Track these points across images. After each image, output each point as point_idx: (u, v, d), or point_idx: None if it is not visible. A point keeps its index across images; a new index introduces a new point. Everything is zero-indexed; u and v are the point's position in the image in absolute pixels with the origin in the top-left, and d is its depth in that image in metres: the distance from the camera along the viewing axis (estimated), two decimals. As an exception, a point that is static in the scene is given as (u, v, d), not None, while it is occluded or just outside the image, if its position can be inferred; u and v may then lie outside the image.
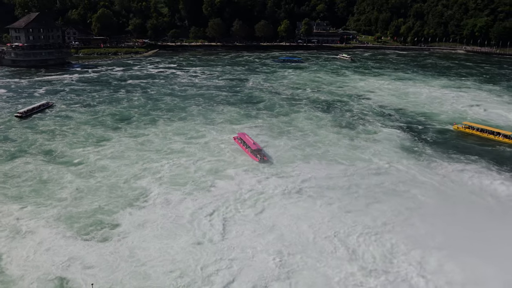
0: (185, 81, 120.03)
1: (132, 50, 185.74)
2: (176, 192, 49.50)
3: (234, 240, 40.17)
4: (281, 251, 38.38)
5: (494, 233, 40.56)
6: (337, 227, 42.18)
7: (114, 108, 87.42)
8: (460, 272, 35.40)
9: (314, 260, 37.20)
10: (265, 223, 43.08)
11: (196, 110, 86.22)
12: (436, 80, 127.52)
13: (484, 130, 70.25)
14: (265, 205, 46.80)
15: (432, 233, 40.88)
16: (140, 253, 37.87)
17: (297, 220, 43.67)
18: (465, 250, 37.99)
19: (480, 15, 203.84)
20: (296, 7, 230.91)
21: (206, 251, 38.32)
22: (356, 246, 39.24)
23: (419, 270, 35.94)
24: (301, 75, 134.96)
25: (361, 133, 73.36)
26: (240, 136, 64.89)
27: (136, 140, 67.02)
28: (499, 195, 49.94)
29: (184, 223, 42.92)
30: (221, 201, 47.45)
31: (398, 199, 48.55)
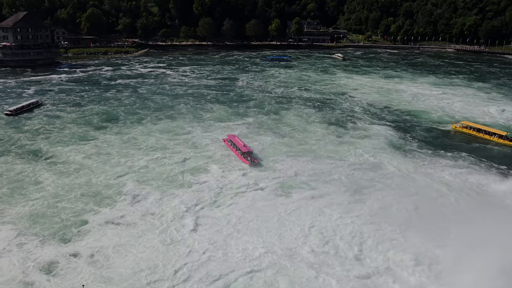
0: (175, 81, 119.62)
1: (122, 49, 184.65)
2: (152, 190, 49.19)
3: (203, 237, 39.90)
4: (247, 248, 38.25)
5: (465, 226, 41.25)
6: (316, 222, 42.53)
7: (102, 107, 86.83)
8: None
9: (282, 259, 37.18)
10: (237, 220, 42.90)
11: (185, 109, 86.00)
12: (424, 78, 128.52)
13: (481, 130, 70.53)
14: (241, 201, 46.86)
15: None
16: (105, 252, 37.36)
17: (271, 216, 43.63)
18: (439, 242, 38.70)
19: (469, 14, 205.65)
20: (286, 6, 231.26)
21: (174, 249, 38.01)
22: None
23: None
24: (291, 73, 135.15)
25: (350, 130, 73.79)
26: (230, 138, 63.48)
27: (121, 138, 66.66)
28: (478, 190, 50.79)
29: (155, 221, 42.61)
30: (197, 198, 47.33)
31: (383, 194, 48.88)
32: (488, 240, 36.98)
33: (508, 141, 66.57)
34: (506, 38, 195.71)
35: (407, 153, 62.92)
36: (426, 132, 73.92)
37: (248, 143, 63.33)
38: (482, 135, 69.67)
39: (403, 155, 62.04)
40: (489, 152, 63.85)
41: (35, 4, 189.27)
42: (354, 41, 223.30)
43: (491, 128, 70.68)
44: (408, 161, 59.43)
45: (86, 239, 39.43)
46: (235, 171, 54.96)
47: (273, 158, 59.34)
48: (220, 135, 69.16)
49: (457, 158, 60.80)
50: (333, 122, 78.50)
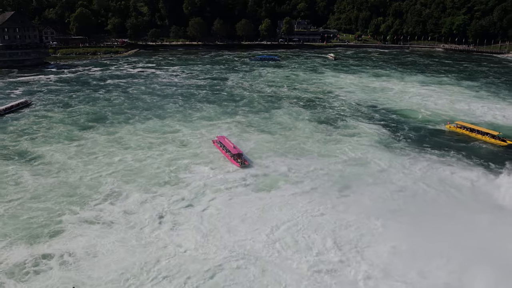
0: (164, 81, 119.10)
1: (111, 50, 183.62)
2: (134, 188, 48.85)
3: (180, 237, 39.58)
4: (227, 245, 38.09)
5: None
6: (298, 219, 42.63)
7: (90, 107, 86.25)
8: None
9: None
10: (217, 218, 42.75)
11: (174, 108, 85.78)
12: (413, 77, 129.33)
13: (474, 130, 70.67)
14: (223, 200, 46.67)
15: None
16: (78, 254, 36.67)
17: (252, 214, 43.55)
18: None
19: (458, 13, 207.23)
20: (277, 6, 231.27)
21: (149, 249, 37.57)
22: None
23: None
24: (281, 73, 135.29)
25: (338, 129, 74.07)
26: (219, 139, 62.10)
27: (107, 138, 66.23)
28: (457, 185, 51.50)
29: (132, 220, 42.21)
30: (179, 196, 47.16)
31: (369, 191, 49.16)
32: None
33: (500, 140, 66.70)
34: (494, 38, 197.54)
35: (394, 150, 63.37)
36: (414, 130, 74.34)
37: (237, 141, 63.37)
38: (475, 135, 69.82)
39: (390, 152, 62.41)
40: (476, 151, 64.14)
41: (23, 3, 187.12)
42: (344, 40, 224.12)
43: (484, 128, 70.76)
44: (395, 158, 59.80)
45: (59, 241, 38.50)
46: (221, 169, 54.89)
47: (261, 156, 59.37)
48: (208, 133, 69.13)
49: (444, 155, 61.30)
50: (322, 121, 78.76)
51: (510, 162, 57.96)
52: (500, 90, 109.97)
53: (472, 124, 73.58)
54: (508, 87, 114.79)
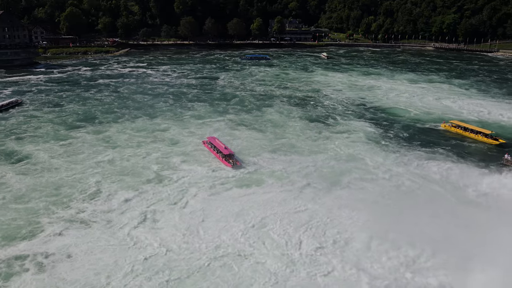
0: (155, 80, 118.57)
1: (102, 49, 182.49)
2: (118, 187, 48.45)
3: (158, 236, 39.26)
4: (209, 245, 37.79)
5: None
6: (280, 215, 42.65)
7: (80, 107, 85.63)
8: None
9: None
10: (200, 217, 42.47)
11: (165, 107, 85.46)
12: (404, 75, 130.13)
13: (467, 129, 70.61)
14: (208, 197, 46.50)
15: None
16: (54, 256, 35.93)
17: (235, 211, 43.36)
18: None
19: (448, 12, 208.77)
20: (268, 5, 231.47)
21: (128, 249, 37.09)
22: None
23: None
24: (272, 72, 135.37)
25: (328, 126, 74.38)
26: (209, 140, 61.00)
27: (96, 137, 65.76)
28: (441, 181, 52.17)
29: (113, 220, 41.82)
30: (164, 195, 46.93)
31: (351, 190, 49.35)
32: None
33: (492, 139, 66.68)
34: (483, 36, 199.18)
35: (383, 147, 63.81)
36: (403, 128, 74.73)
37: (228, 140, 63.33)
38: (468, 134, 69.86)
39: (379, 149, 62.85)
40: (465, 149, 64.35)
41: (12, 3, 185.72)
42: (335, 39, 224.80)
43: (477, 127, 70.57)
44: (384, 155, 60.22)
45: (35, 242, 37.72)
46: (208, 167, 54.66)
47: (250, 153, 59.51)
48: (199, 131, 69.07)
49: (433, 152, 61.72)
50: (313, 119, 79.09)
51: (495, 160, 58.56)
52: (490, 88, 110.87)
53: (466, 123, 73.42)
54: (498, 85, 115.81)
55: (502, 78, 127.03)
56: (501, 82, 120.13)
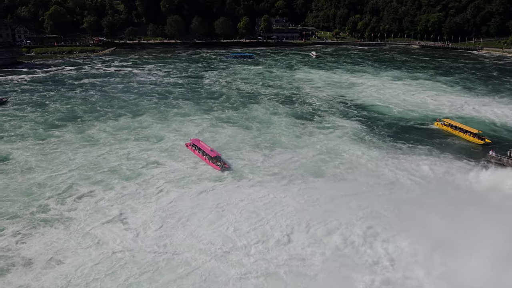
0: (141, 79, 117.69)
1: (88, 48, 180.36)
2: (92, 186, 48.60)
3: (123, 237, 39.20)
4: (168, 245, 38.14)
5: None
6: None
7: (63, 106, 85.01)
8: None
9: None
10: (173, 216, 42.67)
11: (149, 106, 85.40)
12: (389, 73, 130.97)
13: (457, 128, 70.81)
14: (185, 194, 46.93)
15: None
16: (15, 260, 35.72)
17: (211, 209, 43.91)
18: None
19: (433, 11, 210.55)
20: (255, 3, 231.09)
21: (91, 251, 37.04)
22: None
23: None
24: (259, 70, 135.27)
25: (312, 123, 75.22)
26: (193, 142, 59.62)
27: (78, 136, 65.46)
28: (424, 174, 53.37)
29: (79, 218, 41.83)
30: (139, 193, 47.13)
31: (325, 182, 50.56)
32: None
33: (478, 139, 66.81)
34: (468, 35, 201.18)
35: (365, 142, 64.95)
36: (386, 125, 75.75)
37: (212, 135, 63.72)
38: (457, 133, 70.11)
39: (361, 144, 63.98)
40: (448, 147, 64.89)
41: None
42: (322, 38, 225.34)
43: (466, 126, 70.47)
44: (365, 149, 61.39)
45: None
46: (185, 163, 55.07)
47: (233, 148, 60.43)
48: (182, 127, 69.56)
49: (412, 148, 63.01)
50: (298, 115, 79.92)
51: (473, 158, 59.30)
52: (475, 86, 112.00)
53: (457, 122, 73.18)
54: (483, 82, 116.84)
55: (488, 76, 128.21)
56: (486, 79, 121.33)
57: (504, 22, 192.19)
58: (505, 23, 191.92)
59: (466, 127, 70.58)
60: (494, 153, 58.71)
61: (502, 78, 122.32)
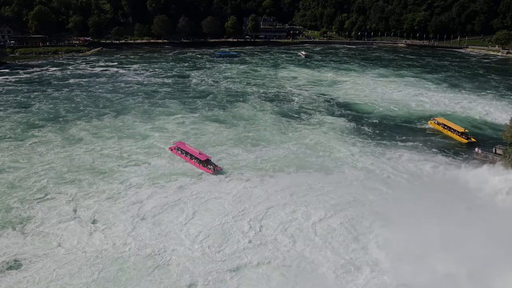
0: (127, 79, 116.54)
1: (73, 48, 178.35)
2: (68, 185, 48.15)
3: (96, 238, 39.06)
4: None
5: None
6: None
7: (47, 106, 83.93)
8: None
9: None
10: (147, 215, 42.73)
11: (134, 105, 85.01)
12: (375, 71, 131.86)
13: (446, 127, 70.83)
14: (161, 192, 47.10)
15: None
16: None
17: (185, 208, 44.12)
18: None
19: (418, 10, 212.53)
20: (242, 3, 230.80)
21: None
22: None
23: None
24: (246, 69, 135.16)
25: (298, 120, 75.71)
26: (178, 145, 57.66)
27: (60, 136, 64.68)
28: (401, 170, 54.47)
29: (47, 221, 41.26)
30: (115, 192, 46.93)
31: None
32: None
33: (463, 138, 66.79)
34: (453, 33, 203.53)
35: (348, 139, 65.79)
36: (369, 122, 76.43)
37: (197, 134, 63.74)
38: (446, 131, 70.22)
39: (343, 140, 64.96)
40: (431, 144, 65.51)
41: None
42: (309, 37, 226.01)
43: (455, 125, 70.31)
44: (347, 145, 62.14)
45: None
46: (171, 161, 54.90)
47: (219, 146, 60.76)
48: (166, 125, 69.32)
49: (396, 145, 63.87)
50: (283, 113, 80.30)
51: (458, 156, 59.99)
52: (461, 84, 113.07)
53: (448, 121, 72.84)
54: (468, 80, 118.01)
55: (474, 74, 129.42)
56: (472, 77, 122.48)
57: (488, 20, 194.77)
58: (489, 21, 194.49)
59: (454, 125, 70.53)
60: (480, 150, 59.43)
61: (487, 76, 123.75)
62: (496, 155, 57.48)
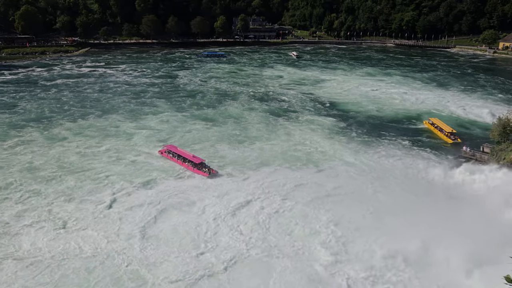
0: (114, 79, 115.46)
1: (61, 49, 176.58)
2: (42, 185, 47.56)
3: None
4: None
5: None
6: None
7: (33, 107, 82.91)
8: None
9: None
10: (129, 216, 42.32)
11: (121, 105, 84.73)
12: (363, 70, 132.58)
13: (437, 127, 70.46)
14: (144, 192, 47.20)
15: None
16: None
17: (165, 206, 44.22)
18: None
19: (407, 10, 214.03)
20: (231, 3, 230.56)
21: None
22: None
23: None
24: (232, 68, 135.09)
25: (285, 119, 76.04)
26: (169, 148, 55.81)
27: (40, 135, 64.12)
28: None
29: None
30: (94, 191, 46.80)
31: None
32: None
33: (448, 138, 66.37)
34: (441, 33, 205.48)
35: (335, 137, 66.25)
36: (357, 122, 76.90)
37: (185, 134, 63.86)
38: (436, 131, 70.06)
39: (330, 139, 65.60)
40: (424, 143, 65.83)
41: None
42: (299, 37, 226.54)
43: (445, 126, 69.82)
44: (331, 142, 62.91)
45: None
46: (148, 156, 55.31)
47: (206, 144, 61.07)
48: (152, 124, 69.46)
49: (383, 144, 64.48)
50: (272, 112, 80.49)
51: (448, 155, 60.24)
52: (449, 83, 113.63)
53: (440, 121, 72.38)
54: (456, 79, 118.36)
55: (463, 73, 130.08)
56: (460, 77, 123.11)
57: (475, 20, 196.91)
58: (476, 21, 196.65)
59: (444, 126, 69.80)
60: (468, 148, 59.97)
61: (475, 75, 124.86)
62: (484, 153, 58.07)
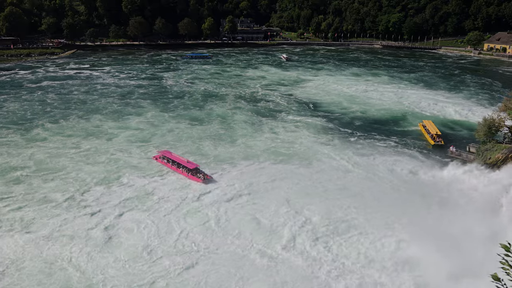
0: (100, 81, 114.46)
1: (47, 51, 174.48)
2: (17, 187, 47.15)
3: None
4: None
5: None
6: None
7: (15, 109, 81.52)
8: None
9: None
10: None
11: (105, 106, 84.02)
12: (349, 70, 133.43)
13: (427, 130, 69.72)
14: (128, 191, 47.52)
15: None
16: None
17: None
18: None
19: (393, 11, 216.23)
20: (219, 4, 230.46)
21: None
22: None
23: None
24: (217, 70, 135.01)
25: (271, 119, 76.14)
26: (164, 154, 54.67)
27: (18, 138, 63.17)
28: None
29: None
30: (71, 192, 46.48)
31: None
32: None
33: (432, 139, 65.94)
34: (427, 34, 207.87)
35: (320, 136, 66.85)
36: (341, 122, 77.44)
37: (173, 135, 63.84)
38: (425, 132, 69.99)
39: (315, 137, 66.32)
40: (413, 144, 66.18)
41: None
42: (287, 38, 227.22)
43: (434, 128, 69.17)
44: (314, 140, 63.22)
45: None
46: (129, 157, 55.23)
47: (195, 142, 61.60)
48: (132, 122, 70.35)
49: (369, 144, 65.37)
50: (258, 112, 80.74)
51: (435, 155, 60.69)
52: (436, 83, 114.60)
53: (431, 123, 71.81)
54: (443, 80, 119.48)
55: (450, 74, 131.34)
56: (447, 77, 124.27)
57: (460, 22, 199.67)
58: (461, 22, 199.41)
59: (432, 128, 69.14)
60: (454, 148, 60.62)
61: (462, 76, 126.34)
62: (470, 153, 58.78)
